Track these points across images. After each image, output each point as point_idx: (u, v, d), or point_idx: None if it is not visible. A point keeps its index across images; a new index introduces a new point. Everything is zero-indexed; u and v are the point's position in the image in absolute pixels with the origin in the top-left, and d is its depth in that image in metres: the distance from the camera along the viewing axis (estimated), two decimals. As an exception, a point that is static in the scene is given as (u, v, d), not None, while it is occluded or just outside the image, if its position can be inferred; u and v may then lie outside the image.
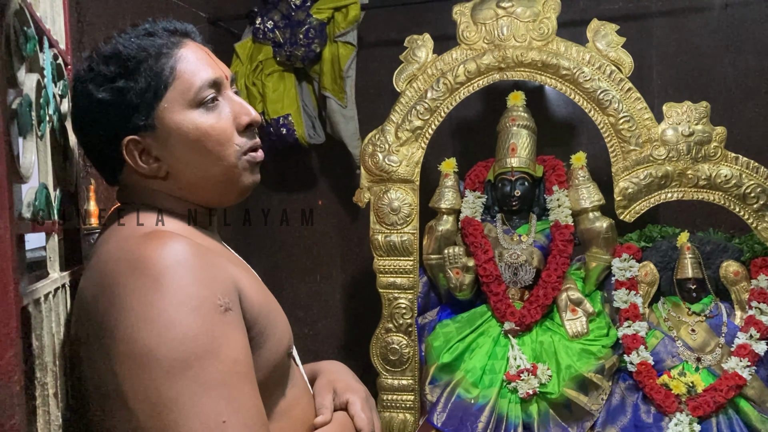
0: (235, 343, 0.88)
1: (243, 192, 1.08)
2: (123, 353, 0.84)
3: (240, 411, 0.85)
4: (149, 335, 0.83)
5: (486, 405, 2.20)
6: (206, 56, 1.04)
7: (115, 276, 0.88)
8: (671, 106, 2.27)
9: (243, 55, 2.90)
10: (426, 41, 2.47)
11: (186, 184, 1.03)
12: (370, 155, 2.45)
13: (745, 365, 2.11)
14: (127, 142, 0.99)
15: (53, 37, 1.05)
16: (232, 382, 0.86)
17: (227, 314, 0.88)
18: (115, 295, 0.87)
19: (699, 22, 2.75)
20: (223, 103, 1.04)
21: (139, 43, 0.99)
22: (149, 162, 1.01)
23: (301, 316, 3.28)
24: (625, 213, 2.30)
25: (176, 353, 0.83)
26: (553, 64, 2.31)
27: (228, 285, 0.92)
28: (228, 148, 1.02)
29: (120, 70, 0.97)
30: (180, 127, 0.99)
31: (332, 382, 1.17)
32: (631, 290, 2.28)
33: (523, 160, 2.42)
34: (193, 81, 1.00)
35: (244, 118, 1.04)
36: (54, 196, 0.99)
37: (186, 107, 1.00)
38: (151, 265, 0.86)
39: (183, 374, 0.82)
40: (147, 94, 0.97)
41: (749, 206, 2.20)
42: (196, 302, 0.86)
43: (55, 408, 0.90)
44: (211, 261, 0.92)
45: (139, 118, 0.98)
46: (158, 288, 0.85)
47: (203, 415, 0.82)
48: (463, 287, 2.38)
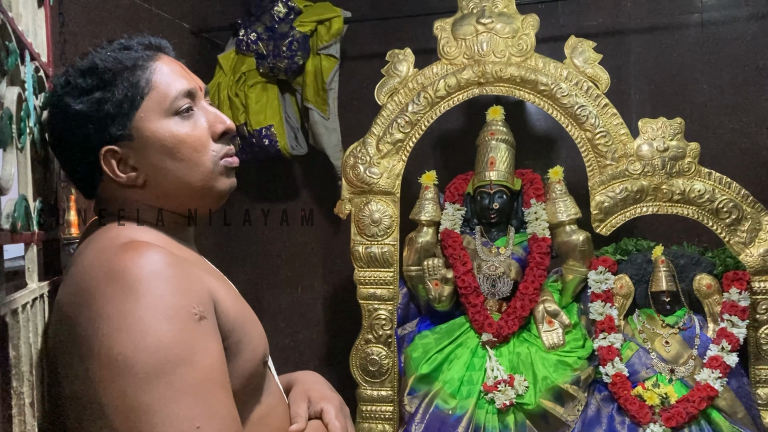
0: (210, 351, 0.90)
1: (220, 197, 1.09)
2: (99, 361, 0.86)
3: (214, 417, 0.86)
4: (125, 343, 0.84)
5: (464, 416, 2.22)
6: (180, 69, 1.07)
7: (92, 285, 0.89)
8: (646, 122, 2.32)
9: (226, 66, 2.91)
10: (407, 55, 2.50)
11: (163, 191, 1.04)
12: (351, 167, 2.47)
13: (717, 377, 2.15)
14: (104, 152, 1.00)
15: (35, 50, 1.06)
16: (207, 389, 0.87)
17: (202, 323, 0.90)
18: (91, 303, 0.88)
19: (676, 40, 2.81)
20: (198, 112, 1.06)
21: (115, 56, 1.01)
22: (127, 171, 1.02)
23: (282, 327, 3.28)
24: (602, 226, 2.33)
25: (151, 361, 0.84)
26: (532, 79, 2.36)
27: (203, 294, 0.93)
28: (204, 155, 1.04)
29: (97, 82, 0.99)
30: (156, 136, 1.01)
31: (307, 391, 1.19)
32: (607, 302, 2.31)
33: (502, 173, 2.45)
34: (168, 91, 1.02)
35: (219, 126, 1.06)
36: (33, 207, 1.00)
37: (162, 116, 1.01)
38: (127, 275, 0.87)
39: (158, 381, 0.84)
40: (124, 105, 0.99)
41: (722, 221, 2.24)
42: (172, 311, 0.87)
43: (31, 417, 0.91)
44: (187, 271, 0.93)
45: (117, 128, 0.99)
46: (134, 297, 0.86)
47: (177, 421, 0.83)
48: (442, 299, 2.40)
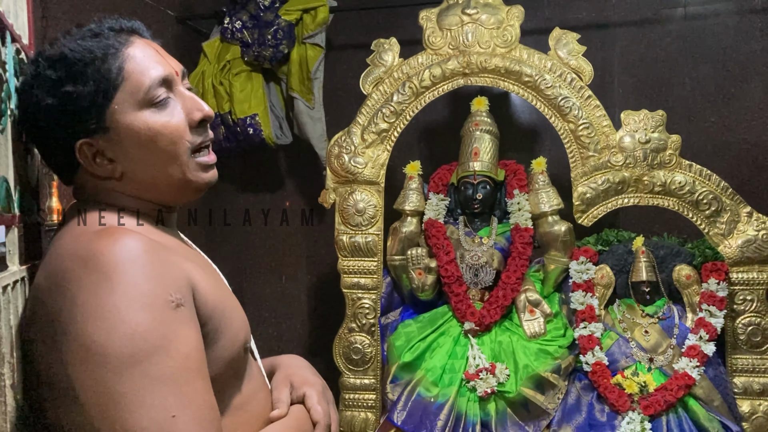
0: (187, 339, 0.89)
1: (197, 190, 1.08)
2: (74, 348, 0.85)
3: (190, 406, 0.86)
4: (100, 331, 0.84)
5: (445, 403, 2.24)
6: (155, 53, 1.04)
7: (68, 272, 0.89)
8: (629, 114, 2.34)
9: (211, 54, 2.89)
10: (392, 45, 2.50)
11: (141, 183, 1.03)
12: (336, 156, 2.48)
13: (695, 366, 2.18)
14: (80, 146, 0.98)
15: (16, 31, 1.06)
16: (183, 378, 0.87)
17: (179, 310, 0.89)
18: (67, 290, 0.87)
19: (660, 33, 2.83)
20: (174, 101, 1.03)
21: (84, 45, 0.98)
22: (104, 164, 1.00)
23: (265, 317, 3.28)
24: (583, 217, 2.36)
25: (126, 349, 0.84)
26: (516, 70, 2.37)
27: (181, 281, 0.93)
28: (179, 146, 1.02)
29: (66, 74, 0.96)
30: (132, 128, 0.99)
31: (289, 376, 1.19)
32: (588, 292, 2.34)
33: (486, 164, 2.46)
34: (142, 81, 0.99)
35: (196, 114, 1.04)
36: (14, 190, 1.00)
37: (137, 108, 0.99)
38: (103, 261, 0.87)
39: (133, 369, 0.84)
40: (96, 98, 0.97)
41: (701, 212, 2.27)
42: (148, 298, 0.87)
43: (11, 399, 0.91)
44: (164, 257, 0.92)
45: (90, 122, 0.97)
46: (110, 284, 0.86)
47: (152, 410, 0.83)
48: (425, 288, 2.42)
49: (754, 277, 2.24)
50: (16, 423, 0.93)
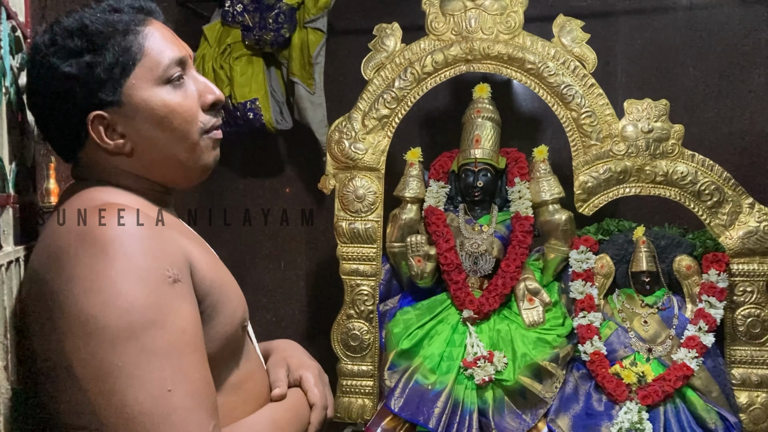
0: (183, 314, 0.89)
1: (204, 170, 1.10)
2: (70, 322, 0.85)
3: (186, 380, 0.86)
4: (96, 304, 0.84)
5: (443, 391, 2.24)
6: (171, 35, 1.06)
7: (65, 247, 0.89)
8: (632, 102, 2.32)
9: (211, 37, 2.87)
10: (395, 30, 2.48)
11: (149, 161, 1.04)
12: (336, 142, 2.46)
13: (693, 356, 2.17)
14: (93, 118, 0.98)
15: (12, 8, 1.04)
16: (179, 352, 0.87)
17: (176, 285, 0.90)
18: (63, 264, 0.87)
19: (664, 22, 2.80)
20: (188, 81, 1.05)
21: (106, 18, 0.99)
22: (114, 138, 1.01)
23: (264, 303, 3.28)
24: (584, 206, 2.34)
25: (122, 322, 0.84)
26: (519, 57, 2.35)
27: (178, 257, 0.93)
28: (192, 126, 1.04)
29: (87, 45, 0.97)
30: (148, 104, 1.00)
31: (286, 359, 1.20)
32: (588, 282, 2.33)
33: (487, 151, 2.45)
34: (160, 59, 1.01)
35: (209, 97, 1.06)
36: (9, 169, 0.99)
37: (153, 84, 1.01)
38: (99, 236, 0.87)
39: (129, 343, 0.84)
40: (115, 70, 0.98)
41: (703, 203, 2.26)
42: (144, 273, 0.87)
43: (5, 380, 0.91)
44: (161, 233, 0.92)
45: (106, 94, 0.98)
46: (106, 258, 0.86)
47: (148, 383, 0.83)
48: (424, 275, 2.41)
49: (754, 269, 2.24)
50: (9, 404, 0.92)
